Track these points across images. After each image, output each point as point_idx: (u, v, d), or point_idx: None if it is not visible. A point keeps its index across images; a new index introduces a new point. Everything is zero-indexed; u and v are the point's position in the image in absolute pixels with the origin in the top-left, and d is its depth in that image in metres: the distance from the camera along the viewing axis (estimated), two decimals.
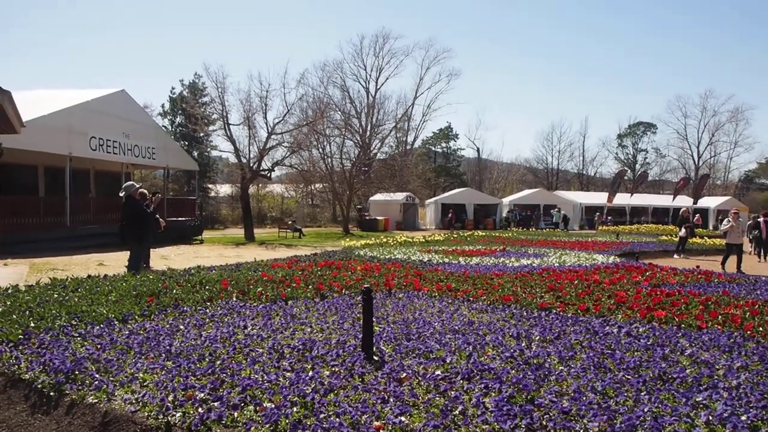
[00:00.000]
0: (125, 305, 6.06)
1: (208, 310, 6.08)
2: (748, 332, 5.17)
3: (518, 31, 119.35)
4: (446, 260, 12.65)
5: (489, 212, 42.23)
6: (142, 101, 39.50)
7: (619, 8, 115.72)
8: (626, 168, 65.08)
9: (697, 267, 11.34)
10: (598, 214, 41.60)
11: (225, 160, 42.15)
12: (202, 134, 38.69)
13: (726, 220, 15.71)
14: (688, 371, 3.93)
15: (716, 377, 3.83)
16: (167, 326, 5.27)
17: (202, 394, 3.41)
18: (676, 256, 18.30)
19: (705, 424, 2.99)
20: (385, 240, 20.28)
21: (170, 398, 3.34)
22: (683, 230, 19.25)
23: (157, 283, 7.55)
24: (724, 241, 15.95)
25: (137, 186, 10.97)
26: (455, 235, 24.35)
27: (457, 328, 5.33)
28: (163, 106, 45.15)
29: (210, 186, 44.34)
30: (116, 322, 5.41)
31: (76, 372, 3.85)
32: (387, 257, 12.93)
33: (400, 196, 38.84)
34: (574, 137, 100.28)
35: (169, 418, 3.13)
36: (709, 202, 45.98)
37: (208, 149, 42.91)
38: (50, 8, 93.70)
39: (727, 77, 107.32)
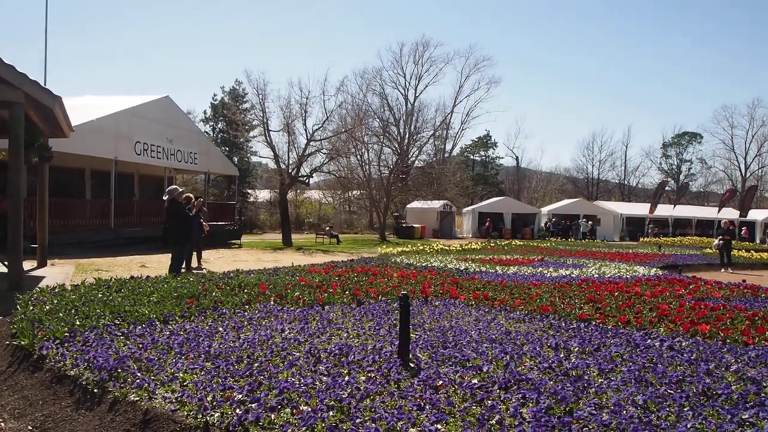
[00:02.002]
0: (166, 306, 6.21)
1: (246, 313, 6.19)
2: None
3: (560, 38, 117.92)
4: (483, 269, 12.55)
5: (527, 221, 41.71)
6: (186, 107, 40.56)
7: (665, 16, 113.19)
8: (668, 179, 63.45)
9: (744, 281, 10.96)
10: (651, 225, 40.86)
11: (264, 165, 42.95)
12: (242, 140, 39.44)
13: None
14: (733, 387, 3.80)
15: (763, 394, 3.70)
16: (206, 328, 5.38)
17: (240, 396, 3.47)
18: (723, 270, 17.71)
19: None
20: (421, 248, 20.24)
21: (209, 398, 3.41)
22: (717, 241, 18.70)
23: (197, 285, 7.72)
24: None
25: (180, 190, 11.25)
26: (492, 244, 24.13)
27: (494, 337, 5.28)
28: (205, 112, 46.30)
29: (249, 191, 45.11)
30: (157, 323, 5.55)
31: (119, 370, 3.97)
32: (423, 265, 12.90)
33: (437, 203, 38.76)
34: (615, 146, 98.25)
35: (208, 418, 3.19)
36: (757, 214, 44.35)
37: (248, 155, 43.66)
38: (101, 20, 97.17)
39: None
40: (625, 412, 3.25)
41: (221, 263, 14.92)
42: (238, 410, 3.26)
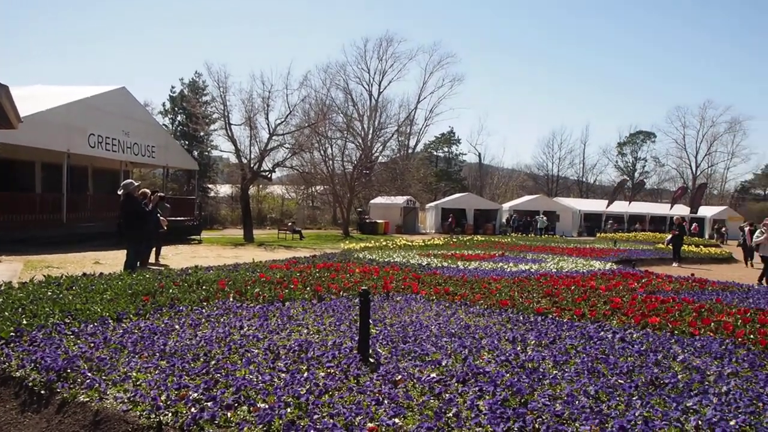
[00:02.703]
0: (120, 304, 6.06)
1: (204, 310, 6.09)
2: (740, 339, 5.19)
3: (521, 37, 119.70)
4: (445, 264, 12.65)
5: (489, 217, 42.29)
6: (143, 99, 39.63)
7: (621, 18, 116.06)
8: (626, 178, 65.23)
9: (692, 275, 11.36)
10: (611, 221, 42.21)
11: (225, 160, 42.30)
12: (202, 134, 38.76)
13: (759, 231, 14.63)
14: (679, 377, 3.95)
15: (707, 383, 3.85)
16: (162, 325, 5.27)
17: (196, 394, 3.41)
18: (674, 264, 18.30)
19: (695, 428, 3.00)
20: (384, 243, 20.29)
21: (163, 397, 3.35)
22: (670, 236, 19.44)
23: (153, 282, 7.56)
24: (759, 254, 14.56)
25: (136, 184, 10.98)
26: (455, 240, 24.35)
27: (453, 331, 5.34)
28: (163, 104, 45.32)
29: (210, 186, 44.42)
30: (110, 321, 5.41)
31: (68, 370, 3.84)
32: (386, 260, 12.93)
33: (400, 199, 38.89)
34: (574, 144, 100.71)
35: (161, 418, 3.14)
36: (706, 211, 46.06)
37: (209, 149, 43.00)
38: (54, 8, 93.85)
39: (726, 87, 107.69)
40: (577, 402, 3.34)
41: (180, 259, 14.65)
42: (193, 409, 3.21)
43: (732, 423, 3.06)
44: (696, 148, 70.70)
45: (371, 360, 4.23)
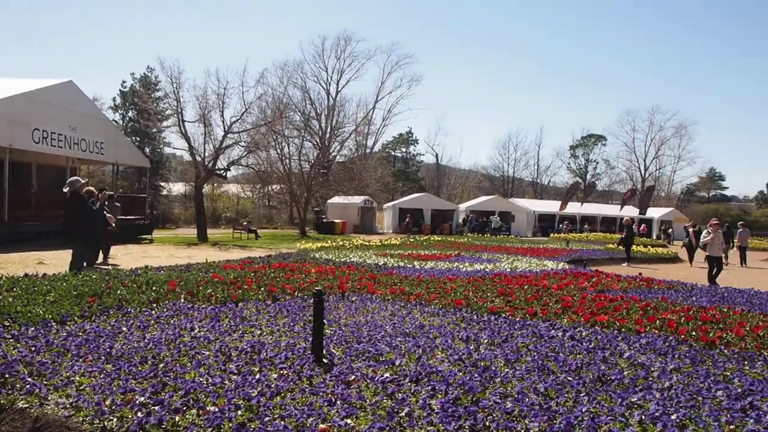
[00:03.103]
0: (64, 306, 5.83)
1: (153, 312, 5.93)
2: (682, 336, 5.39)
3: (480, 40, 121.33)
4: (401, 264, 12.70)
5: (446, 218, 42.68)
6: (92, 93, 38.33)
7: (574, 26, 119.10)
8: (579, 180, 66.98)
9: (640, 274, 11.74)
10: (567, 222, 43.25)
11: (179, 157, 41.43)
12: (155, 130, 37.81)
13: (706, 231, 14.84)
14: (625, 373, 4.06)
15: (651, 379, 3.98)
16: (109, 328, 5.11)
17: (142, 398, 3.32)
18: (625, 264, 18.84)
19: (638, 423, 3.10)
20: (341, 243, 20.22)
21: (107, 402, 3.24)
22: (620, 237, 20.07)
23: (100, 283, 7.31)
24: (705, 253, 14.95)
25: (83, 181, 10.60)
26: (412, 240, 24.48)
27: (408, 331, 5.36)
28: (114, 99, 44.00)
29: (162, 184, 43.35)
30: (53, 324, 5.20)
31: (6, 375, 3.67)
32: (342, 260, 12.89)
33: (358, 199, 38.84)
34: (529, 146, 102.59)
35: (105, 423, 3.03)
36: (654, 212, 47.72)
37: (161, 146, 41.99)
38: None
39: (673, 93, 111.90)
40: (527, 399, 3.40)
41: (129, 259, 14.24)
42: (139, 413, 3.12)
43: (673, 417, 3.17)
44: (645, 152, 73.20)
45: (325, 361, 4.20)
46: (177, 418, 3.08)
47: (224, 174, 28.03)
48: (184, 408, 3.21)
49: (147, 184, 28.84)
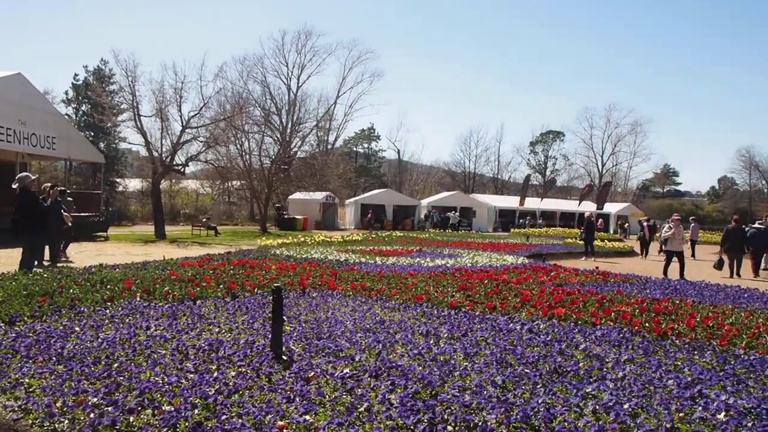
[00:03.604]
0: (13, 305, 5.63)
1: (108, 311, 5.78)
2: (636, 328, 5.55)
3: (441, 37, 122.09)
4: (363, 260, 12.70)
5: (408, 213, 42.83)
6: (42, 87, 37.05)
7: (534, 20, 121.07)
8: (530, 173, 68.17)
9: (597, 268, 12.04)
10: (528, 217, 44.08)
11: (135, 153, 40.36)
12: (109, 125, 36.75)
13: (667, 226, 14.77)
14: (581, 364, 4.16)
15: (605, 369, 4.09)
16: (60, 328, 4.95)
17: (95, 399, 3.23)
18: (584, 258, 19.22)
19: (592, 413, 3.18)
20: (303, 239, 20.09)
21: (58, 404, 3.14)
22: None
23: (51, 282, 7.08)
24: (665, 247, 14.95)
25: (32, 177, 10.24)
26: (374, 236, 24.50)
27: (368, 326, 5.36)
28: (66, 93, 42.57)
29: (118, 180, 42.23)
30: (1, 324, 5.02)
31: None
32: (303, 257, 12.82)
33: (319, 195, 38.62)
34: (490, 143, 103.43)
35: (56, 425, 2.94)
36: (611, 208, 48.97)
37: (117, 141, 40.86)
38: None
39: (630, 90, 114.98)
40: (485, 392, 3.44)
41: (83, 257, 13.82)
42: (92, 415, 3.03)
43: (626, 406, 3.26)
44: (602, 148, 74.98)
45: (284, 357, 4.17)
46: (131, 419, 3.01)
47: (182, 170, 27.48)
48: (139, 408, 3.15)
49: (101, 180, 28.08)
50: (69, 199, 15.00)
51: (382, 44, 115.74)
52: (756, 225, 15.94)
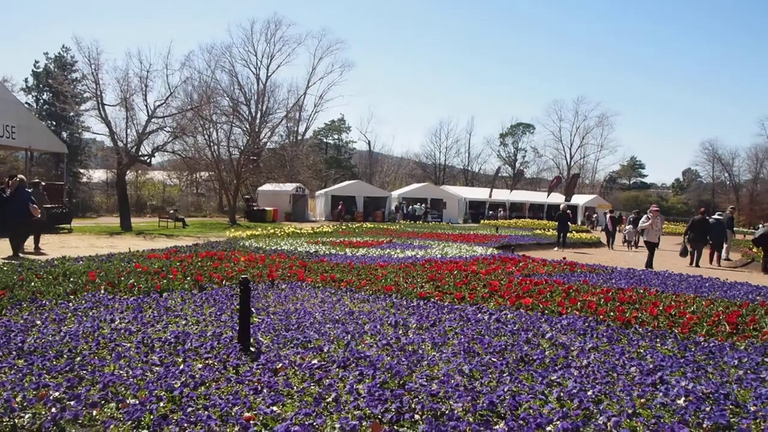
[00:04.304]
0: None
1: (71, 304, 5.66)
2: (601, 317, 5.67)
3: (411, 28, 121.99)
4: (333, 251, 12.68)
5: (379, 205, 42.83)
6: (0, 74, 35.81)
7: (505, 15, 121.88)
8: (500, 165, 68.86)
9: (564, 258, 12.24)
10: (500, 209, 44.54)
11: (99, 143, 39.34)
12: (72, 114, 35.78)
13: (645, 217, 14.46)
14: (546, 353, 4.23)
15: (570, 357, 4.17)
16: (21, 322, 4.83)
17: (57, 393, 3.17)
18: (556, 249, 19.54)
19: (557, 400, 3.24)
20: (272, 231, 19.94)
21: (18, 399, 3.06)
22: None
23: (11, 275, 6.90)
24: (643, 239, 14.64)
25: None
26: (344, 227, 24.46)
27: (337, 317, 5.36)
28: (26, 80, 41.17)
29: (82, 171, 41.16)
30: None
31: None
32: (273, 248, 12.72)
33: (289, 186, 38.33)
34: (460, 134, 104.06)
35: (16, 420, 2.87)
36: (579, 199, 49.80)
37: (80, 131, 39.76)
38: None
39: (598, 83, 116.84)
40: (452, 381, 3.47)
41: (46, 250, 13.45)
42: (53, 409, 2.97)
43: (589, 393, 3.33)
44: (571, 140, 76.12)
45: (252, 349, 4.14)
46: (94, 413, 2.96)
47: (148, 160, 26.92)
48: (103, 402, 3.09)
49: (64, 171, 27.33)
50: (43, 192, 14.71)
51: (352, 35, 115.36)
52: (715, 216, 16.37)
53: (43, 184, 16.17)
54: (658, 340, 4.90)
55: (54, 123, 37.78)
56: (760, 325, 5.43)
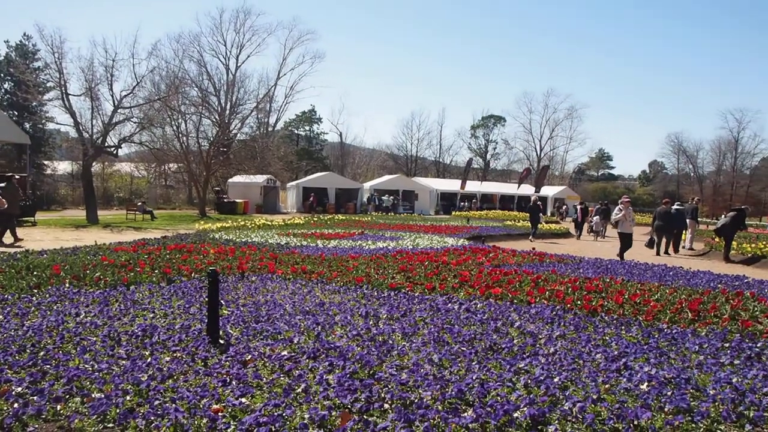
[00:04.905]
0: None
1: (34, 298, 5.52)
2: (568, 305, 5.77)
3: (380, 20, 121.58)
4: (304, 243, 12.62)
5: (351, 197, 42.72)
6: None
7: (477, 6, 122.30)
8: (472, 157, 69.33)
9: (533, 249, 12.40)
10: (474, 200, 44.88)
11: (64, 134, 38.33)
12: (35, 104, 34.75)
13: (617, 209, 14.17)
14: (515, 341, 4.30)
15: (538, 345, 4.24)
16: None
17: (20, 388, 3.11)
18: (531, 239, 19.85)
19: (524, 386, 3.29)
20: (243, 223, 19.74)
21: None
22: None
23: None
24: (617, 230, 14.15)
25: None
26: (316, 219, 24.34)
27: (308, 309, 5.35)
28: None
29: (46, 162, 40.09)
30: None
31: None
32: (243, 240, 12.60)
33: (260, 178, 37.96)
34: (432, 126, 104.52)
35: None
36: (549, 191, 50.49)
37: (43, 121, 38.67)
38: None
39: (566, 77, 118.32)
40: (422, 370, 3.50)
41: (6, 242, 13.10)
42: (15, 404, 2.90)
43: (556, 379, 3.40)
44: (540, 132, 76.97)
45: (221, 341, 4.11)
46: (58, 407, 2.91)
47: (115, 152, 26.37)
48: (67, 396, 3.04)
49: (28, 163, 26.57)
50: (16, 185, 14.37)
51: (323, 26, 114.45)
52: (675, 206, 16.77)
53: (17, 177, 15.80)
54: (623, 327, 5.01)
55: (16, 113, 36.69)
56: (720, 312, 5.59)
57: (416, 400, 3.04)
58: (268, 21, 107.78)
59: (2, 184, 14.04)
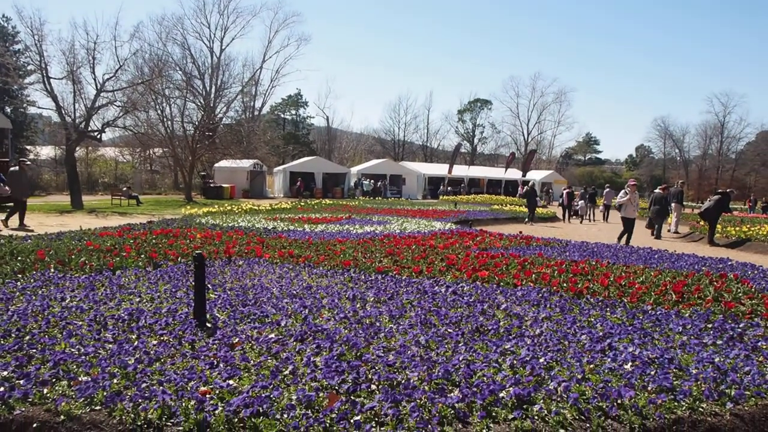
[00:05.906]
0: None
1: (18, 283, 5.48)
2: (554, 288, 5.82)
3: (367, 3, 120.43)
4: (291, 228, 12.59)
5: (338, 181, 42.63)
6: None
7: None
8: (461, 141, 69.30)
9: (520, 232, 12.48)
10: (463, 185, 45.03)
11: (46, 118, 37.84)
12: (15, 87, 34.16)
13: (623, 192, 13.57)
14: (501, 323, 4.33)
15: (524, 327, 4.28)
16: None
17: (5, 373, 3.09)
18: (527, 222, 20.06)
19: (510, 367, 3.33)
20: (229, 208, 19.65)
21: None
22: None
23: None
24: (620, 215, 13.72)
25: None
26: (303, 204, 24.29)
27: (295, 292, 5.35)
28: None
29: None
30: None
31: None
32: (230, 225, 12.55)
33: (247, 163, 37.74)
34: (419, 110, 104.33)
35: None
36: (535, 175, 50.69)
37: (24, 105, 38.06)
38: None
39: (554, 61, 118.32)
40: (409, 352, 3.53)
41: None
42: (1, 388, 2.89)
43: (541, 360, 3.44)
44: (528, 117, 77.13)
45: (209, 325, 4.11)
46: (45, 390, 2.90)
47: (99, 136, 26.02)
48: (53, 380, 3.03)
49: (9, 148, 26.14)
50: (21, 173, 14.28)
51: (308, 9, 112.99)
52: (656, 191, 16.93)
53: (28, 162, 15.80)
54: (608, 309, 5.07)
55: None
56: (704, 294, 5.68)
57: (403, 381, 3.06)
58: (252, 3, 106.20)
59: (15, 168, 14.02)
